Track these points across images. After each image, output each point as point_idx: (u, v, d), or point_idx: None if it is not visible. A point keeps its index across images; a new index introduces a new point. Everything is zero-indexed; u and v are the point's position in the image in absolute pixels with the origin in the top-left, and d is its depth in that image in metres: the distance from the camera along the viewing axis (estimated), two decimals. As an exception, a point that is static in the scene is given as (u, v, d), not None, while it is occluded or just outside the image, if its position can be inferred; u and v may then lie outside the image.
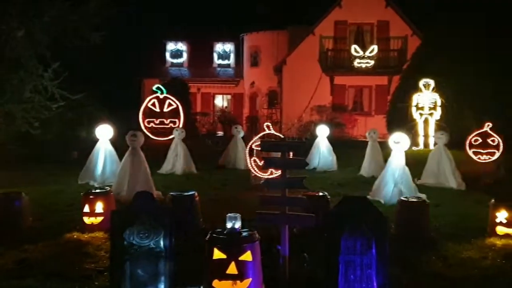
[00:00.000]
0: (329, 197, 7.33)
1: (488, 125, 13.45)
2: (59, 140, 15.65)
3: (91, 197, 7.21)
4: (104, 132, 11.48)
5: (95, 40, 14.15)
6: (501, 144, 13.30)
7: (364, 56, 24.69)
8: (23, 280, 5.11)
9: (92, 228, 6.97)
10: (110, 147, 11.49)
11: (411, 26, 25.68)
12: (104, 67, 31.13)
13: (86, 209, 7.10)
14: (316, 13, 26.80)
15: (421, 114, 17.76)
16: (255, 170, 11.03)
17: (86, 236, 6.71)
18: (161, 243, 4.45)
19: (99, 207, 7.10)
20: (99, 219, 7.04)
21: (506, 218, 6.79)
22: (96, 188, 7.95)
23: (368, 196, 9.52)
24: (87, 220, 7.07)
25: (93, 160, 11.39)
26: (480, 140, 13.42)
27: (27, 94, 13.14)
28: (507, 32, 17.18)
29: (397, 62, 24.95)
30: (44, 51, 13.29)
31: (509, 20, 17.70)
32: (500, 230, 6.82)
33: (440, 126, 16.90)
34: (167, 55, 34.31)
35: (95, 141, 11.71)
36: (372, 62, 24.79)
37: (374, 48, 24.90)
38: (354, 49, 24.94)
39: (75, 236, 6.73)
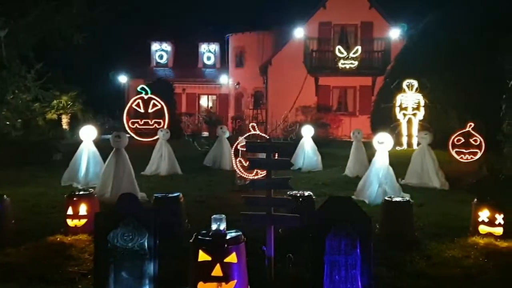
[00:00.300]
0: (314, 197, 7.34)
1: (470, 125, 13.63)
2: (42, 141, 15.48)
3: (74, 199, 7.13)
4: (88, 133, 11.38)
5: (78, 41, 14.05)
6: (483, 143, 13.50)
7: (348, 57, 24.83)
8: (5, 284, 5.04)
9: (75, 230, 6.90)
10: (93, 148, 11.39)
11: (395, 27, 25.86)
12: (88, 67, 30.97)
13: (70, 211, 7.02)
14: (301, 14, 26.87)
15: (404, 115, 17.93)
16: (240, 171, 11.02)
17: (69, 239, 6.64)
18: (146, 245, 4.42)
19: (83, 209, 7.03)
20: (83, 221, 6.97)
21: (488, 217, 6.86)
22: (79, 190, 7.88)
23: (353, 196, 9.56)
24: (70, 222, 6.99)
25: (76, 162, 11.28)
26: (463, 140, 13.63)
27: (9, 95, 12.99)
28: (490, 33, 17.37)
29: (381, 63, 25.13)
30: (27, 52, 13.16)
31: (492, 21, 17.91)
32: (483, 229, 6.89)
33: (424, 126, 17.08)
34: (152, 55, 34.17)
35: (78, 142, 11.60)
36: (356, 63, 24.94)
37: (358, 49, 25.05)
38: (338, 50, 25.06)
39: (58, 239, 6.66)
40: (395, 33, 25.53)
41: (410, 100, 17.92)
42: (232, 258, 4.17)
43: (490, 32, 17.51)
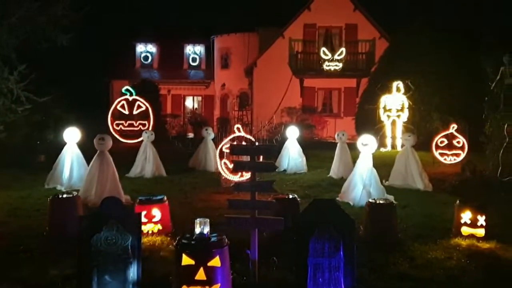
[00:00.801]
0: (299, 199, 7.37)
1: (454, 126, 13.78)
2: (25, 144, 15.32)
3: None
4: (72, 135, 11.29)
5: (62, 42, 13.94)
6: (466, 145, 13.64)
7: (333, 59, 24.93)
8: (-13, 289, 5.01)
9: (59, 233, 6.84)
10: (77, 151, 11.30)
11: (379, 29, 26.06)
12: (72, 68, 30.69)
13: (54, 214, 6.98)
14: (285, 16, 26.96)
15: (388, 116, 18.04)
16: (225, 173, 11.02)
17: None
18: (129, 249, 4.41)
19: (67, 212, 6.97)
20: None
21: (470, 219, 6.93)
22: (63, 193, 7.83)
23: (338, 198, 9.64)
24: (54, 225, 6.95)
25: (60, 164, 11.19)
26: (446, 142, 13.76)
27: (-8, 97, 12.85)
28: (472, 36, 17.57)
29: (365, 64, 25.29)
30: (10, 53, 13.00)
31: (474, 24, 18.12)
32: (465, 230, 6.96)
33: (407, 128, 17.22)
34: (137, 56, 34.02)
35: (62, 144, 11.51)
36: (340, 65, 25.06)
37: (343, 50, 25.18)
38: (323, 51, 25.16)
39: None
40: (379, 35, 25.72)
41: (394, 102, 18.05)
42: (215, 261, 4.18)
43: (472, 34, 17.71)
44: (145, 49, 34.09)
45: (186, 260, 4.14)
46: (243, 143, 10.26)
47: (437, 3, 19.92)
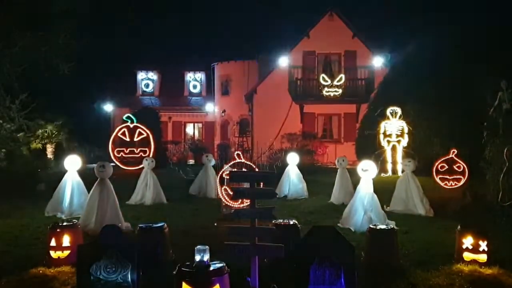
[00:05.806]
0: (299, 225, 7.33)
1: (454, 151, 13.78)
2: (26, 171, 15.33)
3: (58, 230, 7.05)
4: (72, 163, 11.31)
5: (64, 70, 14.09)
6: (466, 170, 13.62)
7: (332, 85, 25.13)
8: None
9: (58, 262, 6.80)
10: (78, 178, 11.31)
11: (378, 55, 26.28)
12: (74, 96, 30.92)
13: (53, 242, 6.94)
14: (285, 44, 27.29)
15: (388, 142, 18.07)
16: (226, 199, 10.98)
17: (52, 271, 6.53)
18: (129, 277, 4.39)
19: (66, 240, 6.94)
20: (66, 253, 6.87)
21: (472, 244, 6.88)
22: (63, 221, 7.80)
23: (339, 224, 9.60)
24: (53, 254, 6.90)
25: (60, 192, 11.18)
26: (446, 167, 13.74)
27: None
28: (473, 60, 17.68)
29: (365, 90, 25.46)
30: (12, 82, 13.14)
31: (474, 49, 18.24)
32: (467, 256, 6.91)
33: (408, 153, 17.23)
34: (138, 84, 34.28)
35: (63, 172, 11.51)
36: (340, 91, 25.24)
37: (342, 77, 25.37)
38: (323, 78, 25.36)
39: (40, 271, 6.54)
40: (378, 61, 25.96)
41: (394, 127, 18.11)
42: (215, 289, 4.16)
43: (471, 59, 17.84)
44: (146, 77, 34.41)
45: (186, 288, 4.12)
46: (243, 169, 10.26)
47: (434, 29, 20.12)
